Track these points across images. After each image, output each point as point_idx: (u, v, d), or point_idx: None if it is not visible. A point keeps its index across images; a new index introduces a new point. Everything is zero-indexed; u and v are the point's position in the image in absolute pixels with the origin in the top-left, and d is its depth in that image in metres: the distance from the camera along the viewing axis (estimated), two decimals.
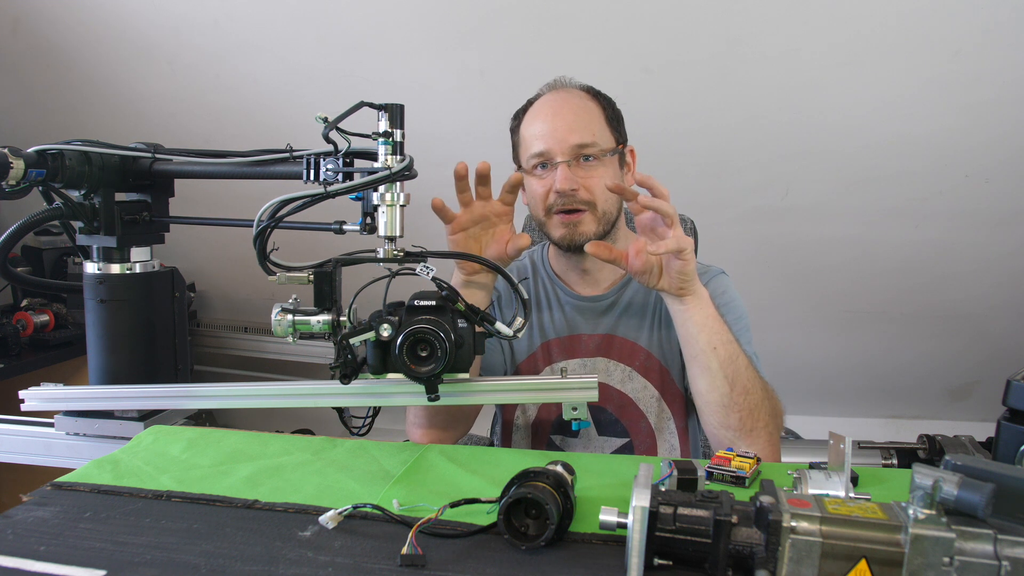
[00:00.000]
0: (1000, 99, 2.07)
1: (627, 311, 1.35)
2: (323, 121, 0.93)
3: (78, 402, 1.19)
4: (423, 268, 1.01)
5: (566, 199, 1.23)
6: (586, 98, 1.29)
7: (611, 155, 1.27)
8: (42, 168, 1.08)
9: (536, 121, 1.28)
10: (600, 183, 1.23)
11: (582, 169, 1.24)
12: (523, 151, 1.30)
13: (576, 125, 1.24)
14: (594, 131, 1.25)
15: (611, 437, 1.33)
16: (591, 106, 1.28)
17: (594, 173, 1.24)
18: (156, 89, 2.54)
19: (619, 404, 1.33)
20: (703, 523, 0.69)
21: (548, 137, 1.24)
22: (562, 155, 1.23)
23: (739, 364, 1.12)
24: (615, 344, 1.34)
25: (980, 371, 2.73)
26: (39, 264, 2.64)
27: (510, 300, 1.41)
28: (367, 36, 2.27)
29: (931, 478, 0.62)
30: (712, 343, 1.12)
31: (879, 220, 2.40)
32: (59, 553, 0.79)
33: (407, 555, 0.77)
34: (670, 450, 1.33)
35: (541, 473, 0.82)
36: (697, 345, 1.12)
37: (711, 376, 1.12)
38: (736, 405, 1.12)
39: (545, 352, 1.37)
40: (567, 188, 1.22)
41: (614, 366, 1.33)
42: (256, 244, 0.99)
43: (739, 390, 1.12)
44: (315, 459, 1.06)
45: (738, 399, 1.11)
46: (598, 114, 1.28)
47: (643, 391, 1.32)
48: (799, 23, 2.03)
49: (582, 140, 1.23)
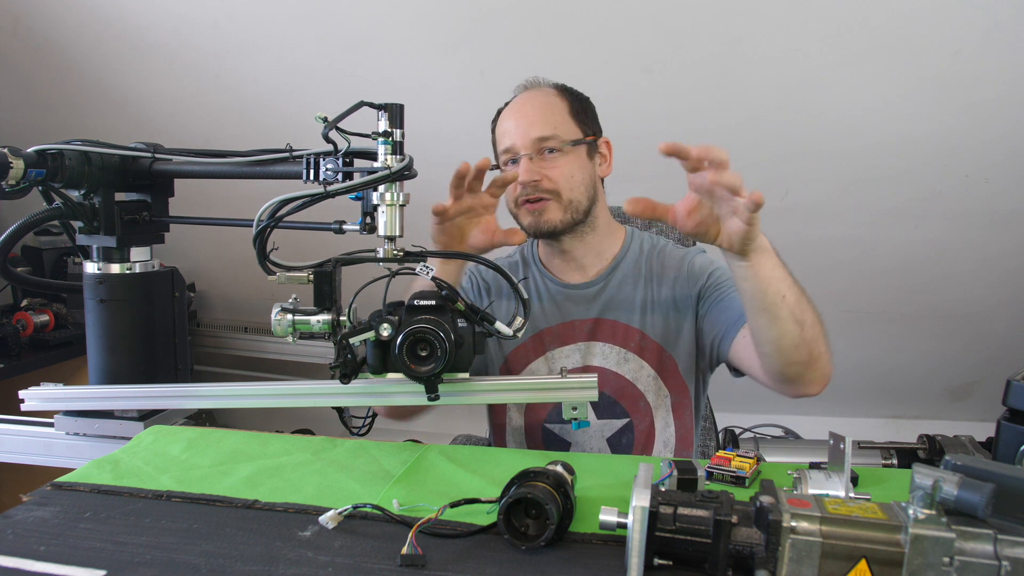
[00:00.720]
0: (1000, 99, 2.07)
1: (617, 295, 1.38)
2: (323, 121, 0.93)
3: (78, 402, 1.19)
4: (423, 268, 1.01)
5: (530, 189, 1.30)
6: (552, 95, 1.35)
7: (574, 145, 1.31)
8: (42, 168, 1.08)
9: (505, 120, 1.35)
10: (563, 173, 1.30)
11: (545, 161, 1.30)
12: (497, 149, 1.37)
13: (537, 120, 1.30)
14: (555, 124, 1.30)
15: (610, 419, 1.35)
16: (555, 101, 1.34)
17: (556, 164, 1.30)
18: (156, 89, 2.54)
19: (616, 386, 1.35)
20: (703, 523, 0.69)
21: (513, 133, 1.31)
22: (525, 149, 1.30)
23: (804, 300, 1.09)
24: (608, 328, 1.36)
25: (980, 371, 2.73)
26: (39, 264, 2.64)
27: (499, 291, 1.44)
28: (367, 36, 2.27)
29: (931, 478, 0.62)
30: (780, 292, 1.06)
31: (879, 220, 2.40)
32: (59, 553, 0.79)
33: (407, 555, 0.77)
34: (665, 427, 1.35)
35: (541, 473, 0.82)
36: (766, 299, 1.06)
37: (782, 324, 1.07)
38: (805, 341, 1.09)
39: (537, 342, 1.38)
40: (528, 179, 1.29)
41: (609, 349, 1.36)
42: (256, 244, 0.99)
43: (810, 323, 1.09)
44: (315, 459, 1.06)
45: (807, 334, 1.09)
46: (561, 108, 1.33)
47: (639, 371, 1.35)
48: (799, 23, 2.03)
49: (542, 133, 1.29)
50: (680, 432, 1.36)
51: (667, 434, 1.35)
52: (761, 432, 2.66)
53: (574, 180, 1.30)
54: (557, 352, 1.37)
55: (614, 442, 1.35)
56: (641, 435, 1.34)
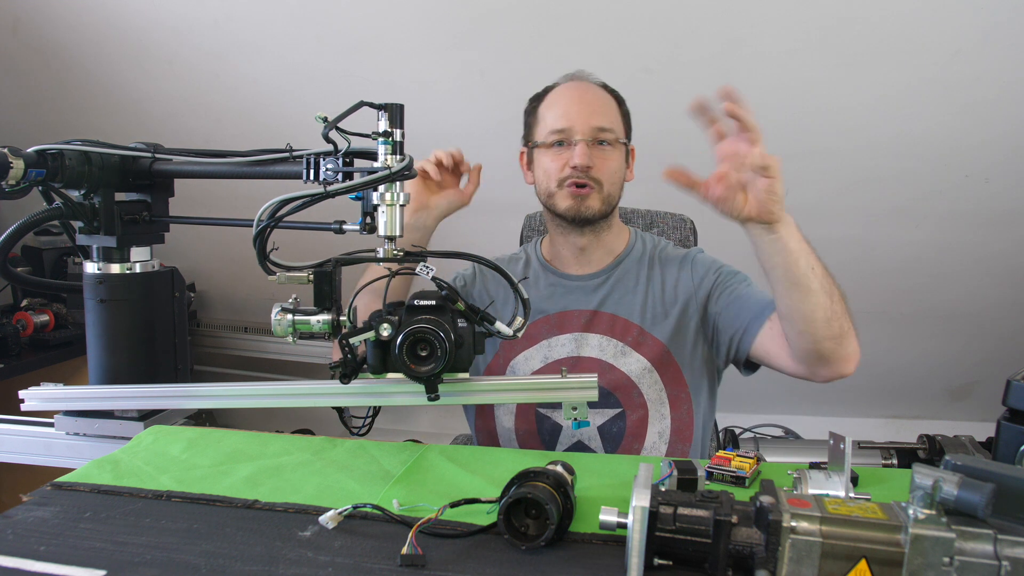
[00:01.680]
0: (1000, 99, 2.07)
1: (618, 288, 1.39)
2: (323, 121, 0.93)
3: (78, 402, 1.19)
4: (423, 268, 1.01)
5: (580, 174, 1.32)
6: (604, 91, 1.40)
7: (622, 144, 1.37)
8: (42, 168, 1.08)
9: (560, 101, 1.37)
10: (610, 166, 1.34)
11: (597, 151, 1.33)
12: (540, 128, 1.38)
13: (598, 109, 1.35)
14: (612, 119, 1.36)
15: (603, 408, 1.35)
16: (609, 99, 1.39)
17: (608, 156, 1.34)
18: (156, 89, 2.54)
19: (611, 378, 1.35)
20: (703, 523, 0.69)
21: (572, 116, 1.33)
22: (582, 134, 1.32)
23: (828, 274, 1.12)
24: (607, 320, 1.37)
25: (980, 371, 2.73)
26: (39, 264, 2.64)
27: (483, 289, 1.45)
28: (367, 36, 2.27)
29: (931, 478, 0.62)
30: (810, 263, 1.09)
31: (879, 220, 2.39)
32: (59, 553, 0.79)
33: (407, 555, 0.77)
34: (660, 418, 1.35)
35: (541, 473, 0.82)
36: (798, 270, 1.08)
37: (814, 296, 1.09)
38: (836, 313, 1.12)
39: (532, 330, 1.38)
40: (584, 163, 1.31)
41: (607, 341, 1.37)
42: (256, 244, 0.99)
43: (836, 298, 1.12)
44: (315, 459, 1.06)
45: (837, 307, 1.12)
46: (614, 106, 1.39)
47: (636, 364, 1.35)
48: (799, 23, 2.03)
49: (602, 124, 1.33)
50: (676, 424, 1.36)
51: (662, 426, 1.35)
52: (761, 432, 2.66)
53: (616, 176, 1.35)
54: (552, 341, 1.38)
55: (606, 431, 1.35)
56: (633, 425, 1.35)
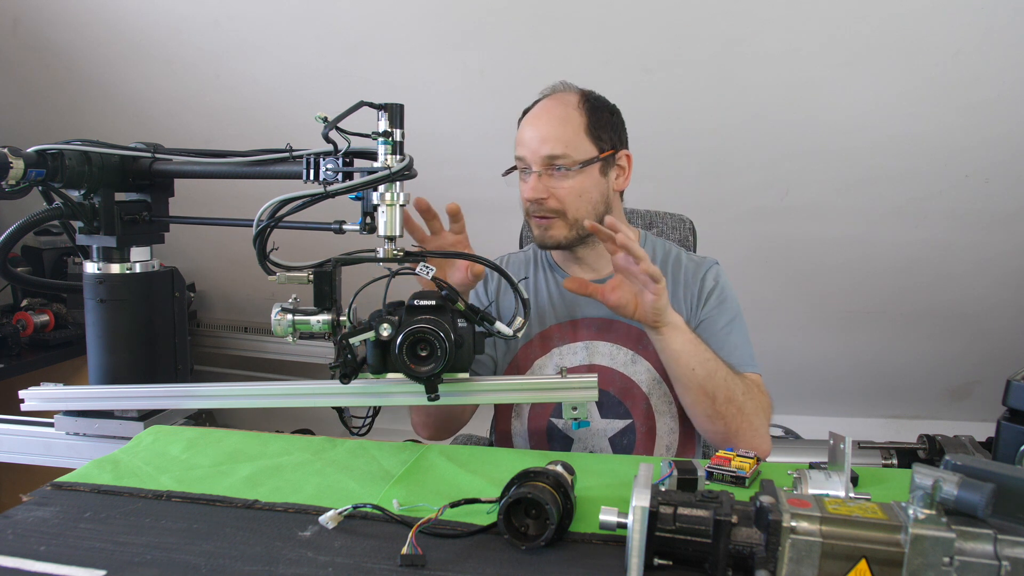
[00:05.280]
0: (1000, 99, 2.07)
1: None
2: (323, 121, 0.93)
3: (78, 402, 1.19)
4: (423, 268, 1.01)
5: (536, 207, 1.30)
6: (572, 107, 1.30)
7: (583, 167, 1.28)
8: (42, 168, 1.08)
9: (525, 126, 1.33)
10: (570, 192, 1.28)
11: (553, 179, 1.28)
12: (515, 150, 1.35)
13: (550, 136, 1.27)
14: (567, 142, 1.27)
15: (613, 419, 1.35)
16: (573, 116, 1.29)
17: (563, 184, 1.28)
18: (156, 89, 2.54)
19: (622, 386, 1.35)
20: (703, 523, 0.69)
21: (525, 145, 1.30)
22: (535, 164, 1.28)
23: (718, 378, 1.20)
24: (617, 327, 1.36)
25: (980, 371, 2.72)
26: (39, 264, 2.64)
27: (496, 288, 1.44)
28: (367, 36, 2.27)
29: (931, 478, 0.62)
30: (691, 365, 1.20)
31: (879, 220, 2.39)
32: (59, 553, 0.79)
33: (407, 555, 0.77)
34: (669, 432, 1.35)
35: (541, 473, 0.82)
36: (679, 368, 1.21)
37: (693, 393, 1.22)
38: (720, 414, 1.21)
39: (543, 339, 1.38)
40: (534, 197, 1.29)
41: (617, 349, 1.36)
42: (256, 244, 0.99)
43: (722, 400, 1.21)
44: (315, 459, 1.06)
45: (722, 408, 1.21)
46: (578, 124, 1.29)
47: (645, 373, 1.35)
48: (799, 23, 2.03)
49: (552, 152, 1.27)
50: (683, 439, 1.36)
51: (670, 439, 1.35)
52: None
53: (581, 199, 1.28)
54: (564, 348, 1.37)
55: (616, 442, 1.35)
56: (643, 437, 1.34)
